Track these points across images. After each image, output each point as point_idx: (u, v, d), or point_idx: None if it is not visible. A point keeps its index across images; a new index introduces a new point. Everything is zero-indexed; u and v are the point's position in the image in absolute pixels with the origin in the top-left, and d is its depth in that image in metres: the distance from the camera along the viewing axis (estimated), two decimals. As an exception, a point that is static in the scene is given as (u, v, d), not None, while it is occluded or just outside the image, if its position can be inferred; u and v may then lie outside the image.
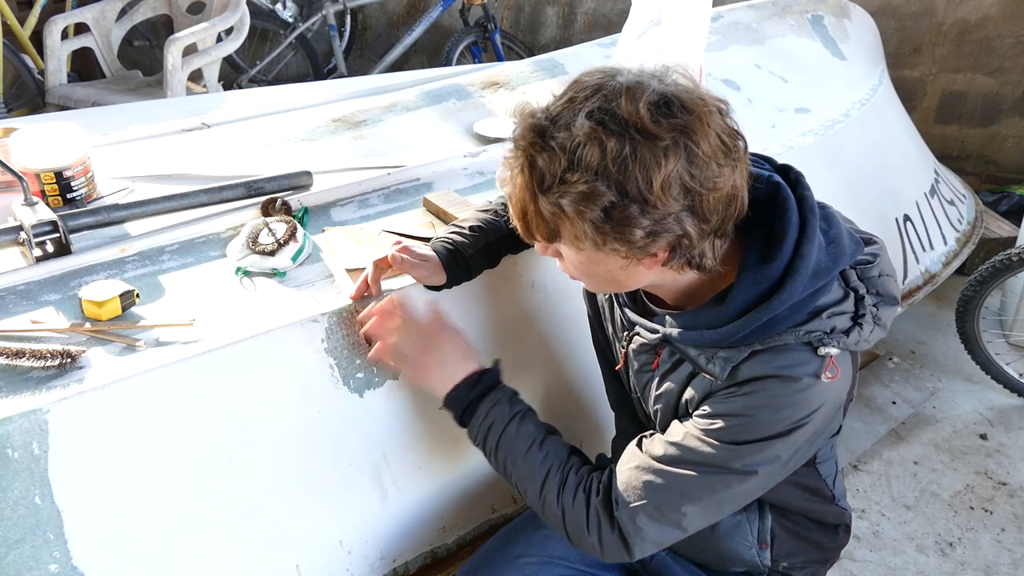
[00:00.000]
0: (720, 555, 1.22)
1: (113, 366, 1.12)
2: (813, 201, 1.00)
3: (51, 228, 1.34)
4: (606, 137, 0.85)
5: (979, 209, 2.95)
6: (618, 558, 1.06)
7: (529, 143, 0.89)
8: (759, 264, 0.95)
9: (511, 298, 1.47)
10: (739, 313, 0.95)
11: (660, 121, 0.85)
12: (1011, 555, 1.98)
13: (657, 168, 0.85)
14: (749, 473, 0.99)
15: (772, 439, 0.97)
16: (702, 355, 1.01)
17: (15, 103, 3.87)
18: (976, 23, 3.48)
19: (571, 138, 0.86)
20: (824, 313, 0.97)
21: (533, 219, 0.93)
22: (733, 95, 2.23)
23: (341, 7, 4.78)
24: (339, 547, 1.30)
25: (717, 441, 0.98)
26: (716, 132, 0.88)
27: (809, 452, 1.05)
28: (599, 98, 0.87)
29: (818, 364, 0.96)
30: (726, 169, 0.89)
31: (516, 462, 1.12)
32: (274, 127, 1.96)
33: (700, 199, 0.88)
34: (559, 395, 1.55)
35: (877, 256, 1.06)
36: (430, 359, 1.16)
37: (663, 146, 0.85)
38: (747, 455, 0.98)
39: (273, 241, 1.36)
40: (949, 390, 2.54)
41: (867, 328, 1.00)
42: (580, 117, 0.86)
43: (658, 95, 0.87)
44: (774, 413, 0.96)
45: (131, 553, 1.11)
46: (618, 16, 4.38)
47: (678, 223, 0.88)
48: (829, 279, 0.97)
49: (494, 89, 2.18)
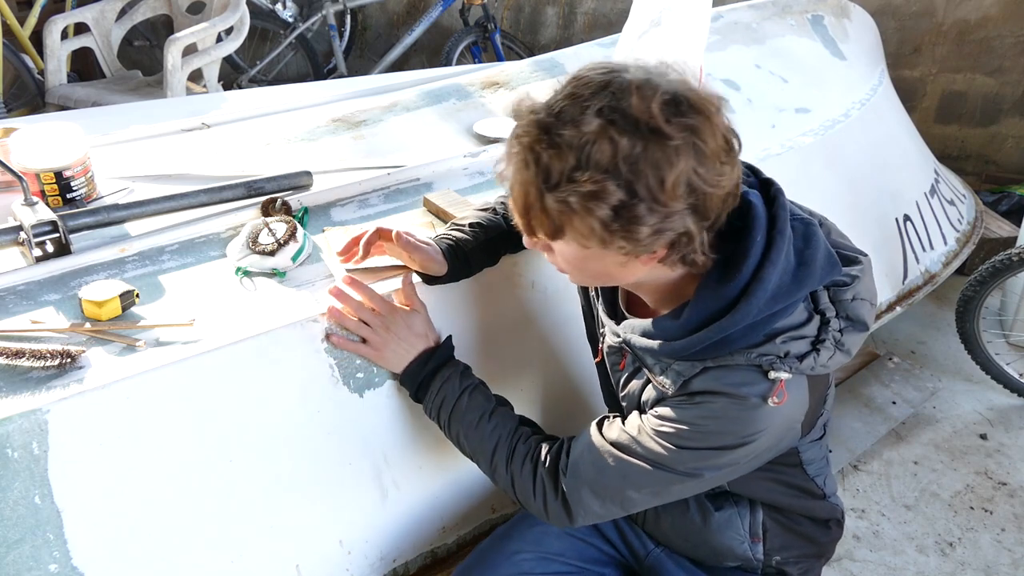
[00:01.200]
0: (713, 550, 1.22)
1: (113, 366, 1.12)
2: (785, 222, 0.97)
3: (51, 228, 1.34)
4: (618, 135, 0.84)
5: (979, 209, 2.95)
6: (561, 524, 1.13)
7: (534, 139, 0.88)
8: (717, 282, 0.95)
9: (511, 298, 1.47)
10: (693, 328, 0.96)
11: (672, 120, 0.84)
12: (1011, 555, 1.98)
13: (669, 167, 0.84)
14: (692, 475, 1.03)
15: (717, 450, 1.00)
16: (657, 365, 1.04)
17: (15, 103, 3.87)
18: (976, 23, 3.48)
19: (580, 135, 0.85)
20: (780, 337, 0.96)
21: (537, 216, 0.92)
22: (733, 95, 2.23)
23: (341, 7, 4.78)
24: (339, 547, 1.30)
25: (665, 442, 1.01)
26: (721, 131, 0.88)
27: (758, 463, 1.07)
28: (608, 95, 0.86)
29: (767, 387, 0.96)
30: (727, 167, 0.89)
31: (467, 434, 1.19)
32: (274, 127, 1.96)
33: (704, 198, 0.88)
34: (559, 395, 1.55)
35: (856, 279, 1.03)
36: (387, 338, 1.21)
37: (674, 146, 0.84)
38: (691, 460, 1.01)
39: (273, 241, 1.36)
40: (949, 390, 2.54)
41: (825, 354, 0.98)
42: (589, 114, 0.85)
43: (669, 94, 0.86)
44: (720, 427, 0.98)
45: (131, 553, 1.11)
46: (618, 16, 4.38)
47: (682, 221, 0.88)
48: (791, 302, 0.96)
49: (494, 89, 2.18)
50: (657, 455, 1.02)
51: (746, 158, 0.98)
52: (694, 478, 1.03)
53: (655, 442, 1.02)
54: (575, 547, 1.31)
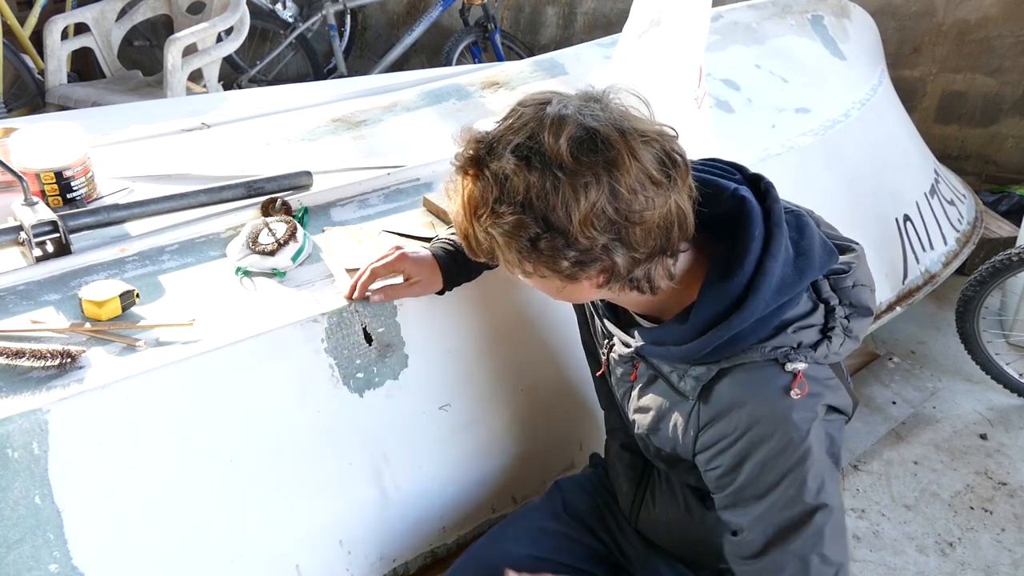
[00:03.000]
0: (707, 551, 1.22)
1: (113, 366, 1.12)
2: (780, 214, 0.98)
3: (51, 228, 1.34)
4: (528, 172, 0.87)
5: (979, 209, 2.95)
6: None
7: (466, 170, 0.93)
8: (720, 280, 0.95)
9: (511, 298, 1.47)
10: (702, 330, 0.96)
11: (580, 158, 0.86)
12: (1011, 555, 1.98)
13: (576, 203, 0.86)
14: (821, 507, 0.96)
15: (799, 468, 0.95)
16: (674, 372, 1.03)
17: (15, 103, 3.87)
18: (976, 23, 3.48)
19: (501, 170, 0.89)
20: (790, 328, 0.96)
21: (472, 241, 0.96)
22: (733, 95, 2.23)
23: (341, 7, 4.78)
24: (339, 547, 1.30)
25: (766, 495, 0.96)
26: (642, 165, 0.88)
27: (841, 461, 1.02)
28: (527, 131, 0.89)
29: (787, 380, 0.95)
30: (657, 200, 0.88)
31: None
32: (274, 127, 1.96)
33: (627, 231, 0.88)
34: (559, 395, 1.55)
35: (852, 266, 1.04)
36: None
37: (583, 182, 0.86)
38: (811, 487, 0.95)
39: (273, 241, 1.36)
40: (949, 390, 2.54)
41: (836, 341, 0.99)
42: (508, 150, 0.88)
43: (583, 130, 0.87)
44: (773, 446, 0.95)
45: (131, 553, 1.11)
46: (618, 16, 4.38)
47: (606, 253, 0.89)
48: (795, 293, 0.97)
49: (494, 89, 2.18)
50: (786, 515, 0.96)
51: (746, 158, 0.98)
52: (824, 508, 0.96)
53: (767, 504, 0.96)
54: (568, 546, 1.31)
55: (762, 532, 0.98)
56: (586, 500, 1.37)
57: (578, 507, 1.36)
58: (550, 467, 1.57)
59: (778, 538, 0.97)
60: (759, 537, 0.98)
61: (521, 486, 1.53)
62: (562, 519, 1.34)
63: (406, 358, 1.33)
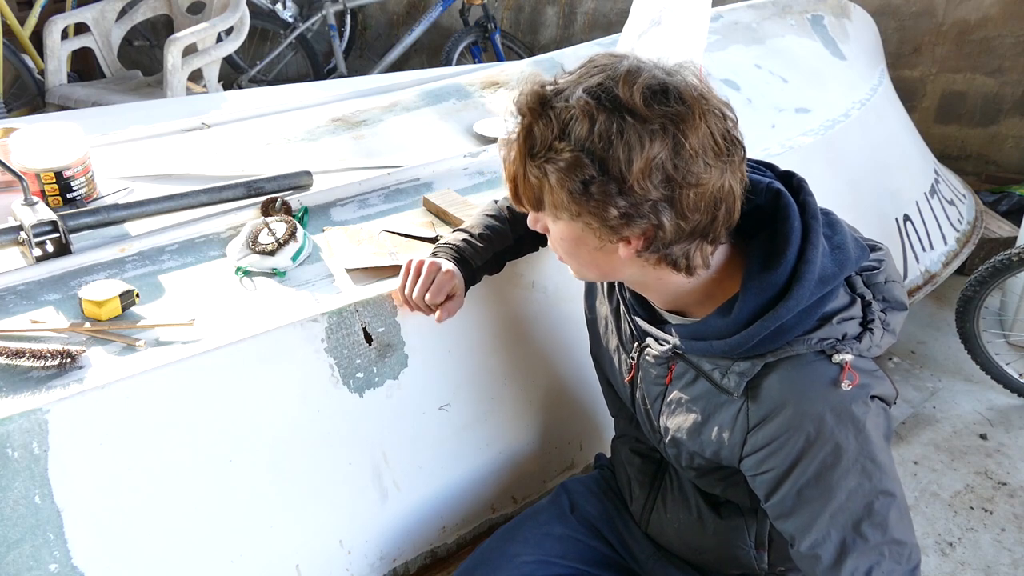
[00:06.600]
0: (718, 557, 1.21)
1: (113, 366, 1.12)
2: (816, 207, 0.99)
3: (51, 228, 1.34)
4: (597, 112, 0.86)
5: (979, 209, 2.95)
6: None
7: (530, 109, 0.90)
8: (763, 271, 0.94)
9: (511, 298, 1.47)
10: (746, 322, 0.94)
11: (652, 106, 0.85)
12: (1011, 555, 1.98)
13: (640, 150, 0.85)
14: (886, 492, 0.95)
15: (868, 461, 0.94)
16: (716, 369, 1.01)
17: (15, 103, 3.87)
18: (976, 23, 3.48)
19: (567, 109, 0.87)
20: (834, 319, 0.96)
21: (521, 184, 0.94)
22: (733, 95, 2.23)
23: (341, 7, 4.78)
24: (339, 547, 1.30)
25: (832, 492, 0.94)
26: (710, 130, 0.87)
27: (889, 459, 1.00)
28: (602, 76, 0.88)
29: (836, 372, 0.94)
30: (715, 170, 0.88)
31: None
32: (274, 127, 1.96)
33: (680, 192, 0.87)
34: (559, 395, 1.55)
35: (882, 262, 1.05)
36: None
37: (650, 129, 0.85)
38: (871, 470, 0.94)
39: (273, 241, 1.36)
40: (949, 390, 2.54)
41: (878, 333, 0.98)
42: (579, 91, 0.87)
43: (657, 81, 0.87)
44: (824, 435, 0.93)
45: (131, 553, 1.11)
46: (618, 16, 4.38)
47: (654, 212, 0.88)
48: (835, 285, 0.96)
49: (494, 89, 2.18)
50: (849, 507, 0.94)
51: (746, 158, 0.98)
52: (889, 494, 0.95)
53: (828, 494, 0.94)
54: (576, 549, 1.31)
55: (833, 532, 0.95)
56: (594, 503, 1.36)
57: (586, 510, 1.35)
58: (550, 467, 1.57)
59: (852, 535, 0.94)
60: (831, 538, 0.95)
61: (521, 486, 1.53)
62: (570, 522, 1.33)
63: (406, 358, 1.33)
